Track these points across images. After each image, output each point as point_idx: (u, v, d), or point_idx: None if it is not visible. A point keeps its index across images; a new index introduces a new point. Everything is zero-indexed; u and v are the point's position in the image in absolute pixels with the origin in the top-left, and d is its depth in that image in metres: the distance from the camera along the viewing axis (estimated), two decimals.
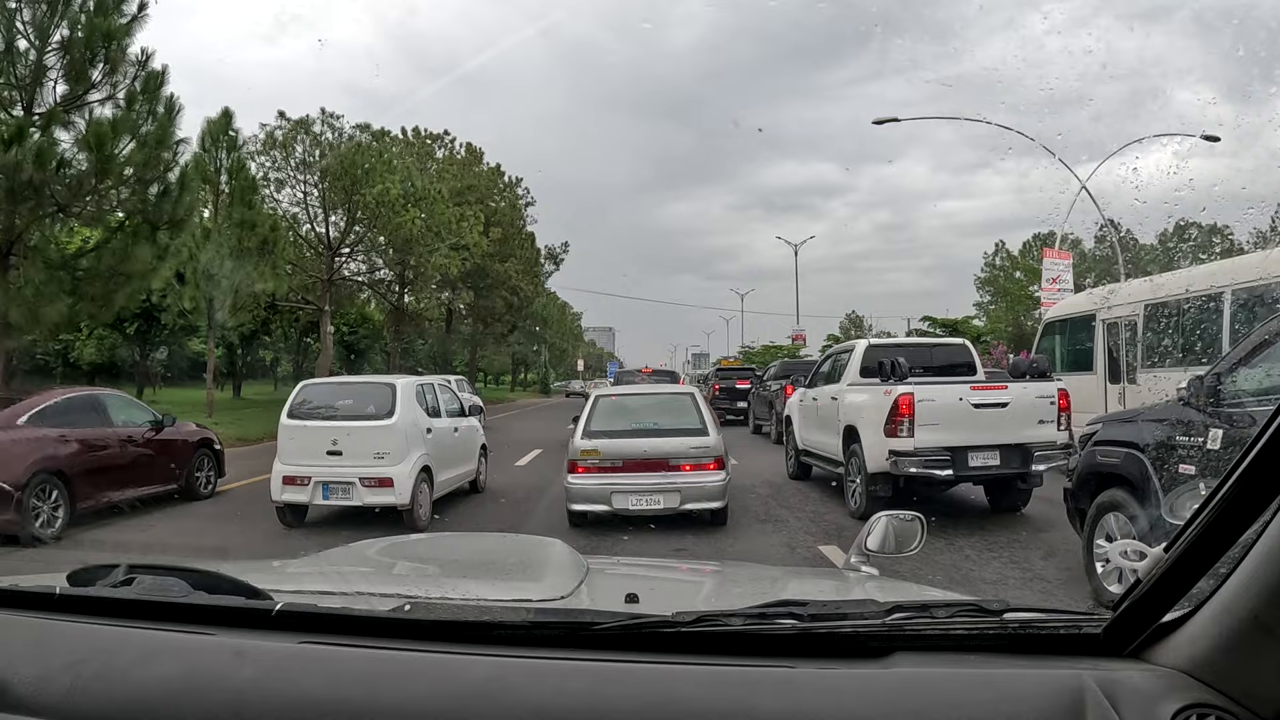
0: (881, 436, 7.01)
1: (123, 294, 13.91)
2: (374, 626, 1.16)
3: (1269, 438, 0.82)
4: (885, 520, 2.03)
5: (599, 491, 6.72)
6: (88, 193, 13.33)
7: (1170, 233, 48.04)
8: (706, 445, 6.92)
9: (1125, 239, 48.26)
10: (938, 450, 6.86)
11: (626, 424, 7.21)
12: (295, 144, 28.50)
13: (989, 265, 57.38)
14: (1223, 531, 0.90)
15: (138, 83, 14.60)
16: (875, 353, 8.38)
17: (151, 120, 14.70)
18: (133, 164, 14.32)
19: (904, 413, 6.82)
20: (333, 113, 28.43)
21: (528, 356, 69.31)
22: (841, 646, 1.08)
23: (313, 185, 28.88)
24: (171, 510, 8.69)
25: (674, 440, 6.92)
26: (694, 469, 6.83)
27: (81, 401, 8.49)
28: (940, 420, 6.88)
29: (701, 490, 6.76)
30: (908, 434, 6.84)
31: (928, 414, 6.86)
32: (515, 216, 41.66)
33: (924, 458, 6.84)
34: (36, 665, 1.06)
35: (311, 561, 2.09)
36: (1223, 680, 0.91)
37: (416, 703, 0.99)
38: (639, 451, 6.85)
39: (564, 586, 1.56)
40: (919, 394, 6.88)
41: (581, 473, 6.85)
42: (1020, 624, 1.11)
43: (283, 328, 39.99)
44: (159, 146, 14.36)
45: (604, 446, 6.88)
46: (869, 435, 7.29)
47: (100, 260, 13.77)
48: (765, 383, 19.38)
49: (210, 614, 1.19)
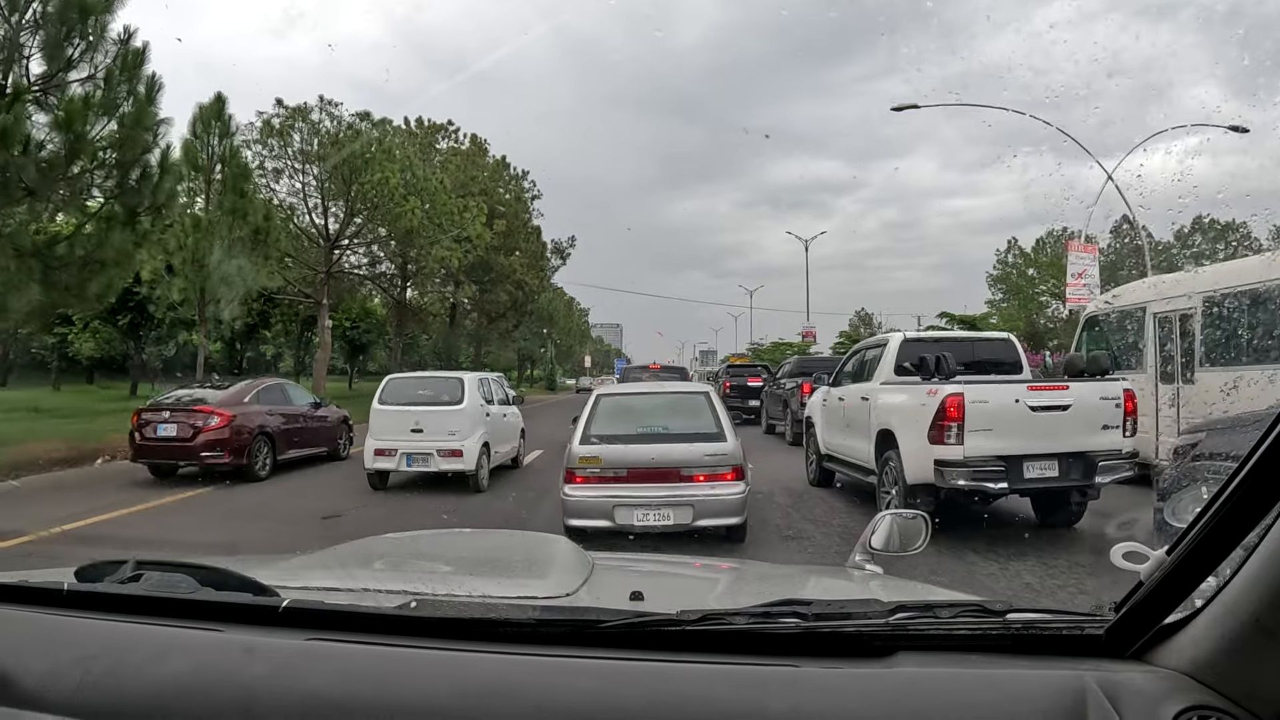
0: (924, 443, 6.09)
1: (97, 283, 13.06)
2: (380, 623, 1.17)
3: (1271, 442, 0.82)
4: (890, 518, 2.03)
5: (599, 505, 5.82)
6: (60, 176, 12.49)
7: (1188, 229, 46.99)
8: (724, 452, 6.01)
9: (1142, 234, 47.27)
10: (990, 460, 5.94)
11: (632, 427, 6.31)
12: (293, 132, 27.69)
13: (1001, 263, 56.57)
14: (1225, 534, 0.89)
15: (117, 61, 13.81)
16: (912, 347, 7.45)
17: (130, 100, 13.89)
18: (109, 145, 13.54)
19: (952, 416, 5.91)
20: (331, 99, 27.60)
21: (534, 352, 68.49)
22: (845, 646, 1.09)
23: (311, 175, 28.07)
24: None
25: (686, 446, 6.02)
26: (709, 479, 5.93)
27: (274, 387, 12.52)
28: (994, 425, 5.96)
29: (717, 504, 5.85)
30: (956, 441, 5.92)
31: (980, 418, 5.94)
32: (521, 209, 40.71)
33: (975, 468, 5.92)
34: (45, 661, 1.07)
35: (318, 558, 2.02)
36: (1224, 682, 0.91)
37: (423, 699, 1.00)
38: (646, 459, 5.95)
39: (569, 584, 1.56)
40: (970, 395, 5.95)
41: (580, 483, 5.97)
42: (1023, 624, 1.11)
43: (283, 322, 39.27)
44: (137, 126, 13.53)
45: (606, 453, 5.99)
46: (909, 441, 6.38)
47: (73, 248, 12.93)
48: (779, 380, 18.48)
49: (217, 610, 1.20)
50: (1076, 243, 23.96)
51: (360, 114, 27.90)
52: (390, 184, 25.66)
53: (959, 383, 6.15)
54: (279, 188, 28.28)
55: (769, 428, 18.68)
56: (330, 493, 9.74)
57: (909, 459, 6.35)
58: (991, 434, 5.96)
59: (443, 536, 3.14)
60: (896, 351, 7.48)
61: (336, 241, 28.64)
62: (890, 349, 7.55)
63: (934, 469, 6.01)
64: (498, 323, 44.32)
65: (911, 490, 6.34)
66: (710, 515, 5.84)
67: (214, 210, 20.56)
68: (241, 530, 7.55)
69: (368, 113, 27.77)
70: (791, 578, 2.35)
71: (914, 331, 8.67)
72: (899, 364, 7.39)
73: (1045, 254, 54.93)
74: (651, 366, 22.77)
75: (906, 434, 6.44)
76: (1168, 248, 47.15)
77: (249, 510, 8.67)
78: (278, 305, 33.54)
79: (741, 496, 5.92)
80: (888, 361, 7.50)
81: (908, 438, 6.40)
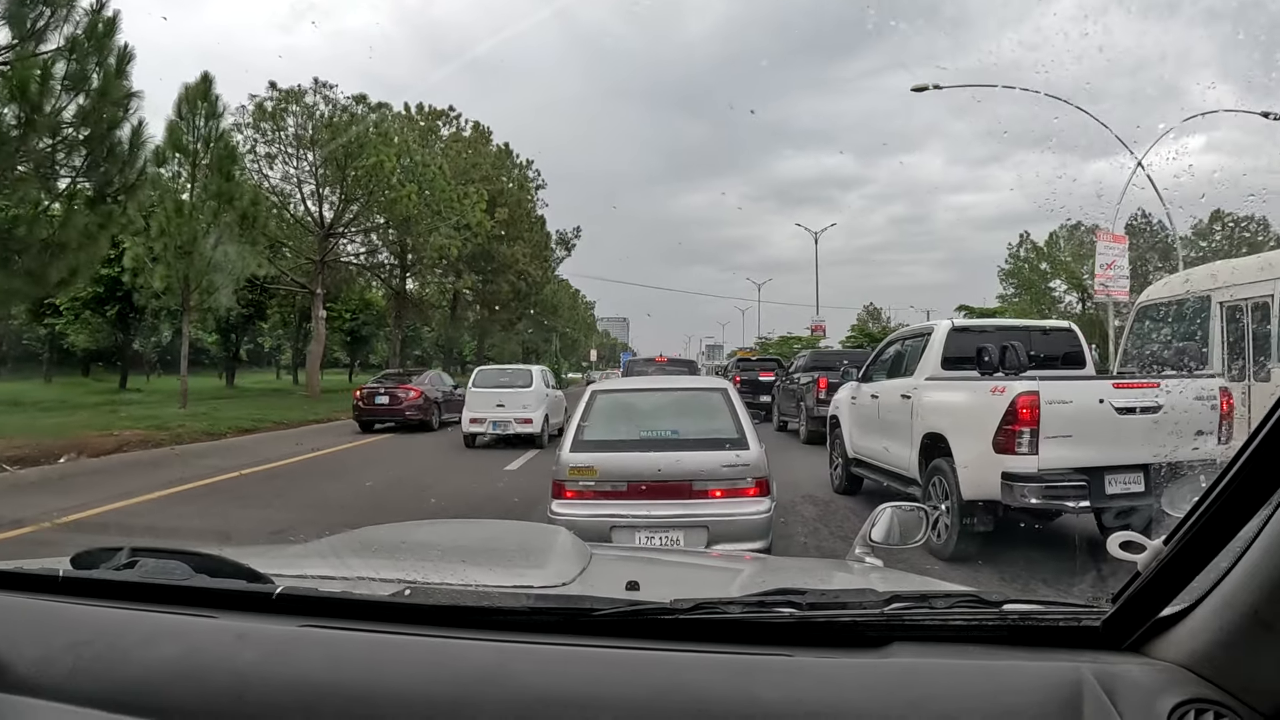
0: (988, 452, 5.04)
1: (59, 267, 12.08)
2: (374, 610, 1.17)
3: (1269, 431, 0.81)
4: (890, 511, 2.03)
5: (593, 526, 4.73)
6: (15, 150, 11.49)
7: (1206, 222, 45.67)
8: (745, 462, 4.93)
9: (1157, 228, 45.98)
10: (1069, 473, 4.89)
11: (634, 431, 5.26)
12: (286, 116, 26.67)
13: (1013, 257, 55.45)
14: (1222, 525, 0.89)
15: (84, 31, 12.81)
16: (962, 338, 6.40)
17: (99, 71, 12.88)
18: (76, 120, 12.55)
19: (1025, 420, 4.85)
20: (326, 82, 26.56)
21: (538, 345, 67.45)
22: (840, 635, 1.09)
23: (305, 160, 27.05)
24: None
25: (700, 455, 4.95)
26: (727, 495, 4.86)
27: (437, 376, 19.57)
28: (1074, 431, 4.90)
29: (738, 525, 4.79)
30: (1029, 450, 4.86)
31: (1057, 422, 4.88)
32: (524, 198, 39.57)
33: (1051, 483, 4.87)
34: (39, 646, 1.09)
35: (314, 547, 1.93)
36: (1222, 675, 0.90)
37: (416, 686, 1.00)
38: (651, 470, 4.90)
39: (566, 574, 1.55)
40: (1046, 393, 4.89)
41: (570, 498, 4.93)
42: (1019, 615, 1.10)
43: (281, 312, 38.27)
44: (103, 98, 12.53)
45: (602, 463, 4.94)
46: (967, 449, 5.33)
47: (33, 230, 11.95)
48: (792, 375, 17.42)
49: (212, 597, 1.20)
50: (1106, 233, 22.83)
51: (356, 97, 26.88)
52: (386, 168, 24.59)
53: (1032, 379, 5.08)
54: (272, 173, 27.27)
55: (781, 424, 17.69)
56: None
57: (966, 470, 5.31)
58: (1071, 441, 4.90)
59: (441, 526, 3.01)
60: (944, 342, 6.41)
61: (331, 229, 27.61)
62: (937, 339, 6.47)
63: (1000, 484, 4.96)
64: (500, 314, 43.23)
65: (968, 507, 5.31)
66: (729, 539, 4.77)
67: (199, 194, 19.58)
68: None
69: (364, 95, 26.73)
70: (789, 569, 2.31)
71: (962, 319, 7.55)
72: (947, 356, 6.34)
73: (1059, 248, 53.74)
74: (658, 359, 21.61)
75: (963, 440, 5.39)
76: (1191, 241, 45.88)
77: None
78: (273, 295, 32.59)
79: (766, 516, 4.86)
80: (933, 353, 6.44)
81: (965, 445, 5.35)
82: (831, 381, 13.64)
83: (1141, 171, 19.20)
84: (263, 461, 11.65)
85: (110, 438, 13.30)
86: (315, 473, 10.95)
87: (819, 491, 8.54)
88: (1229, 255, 36.39)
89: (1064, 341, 6.81)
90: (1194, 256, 33.87)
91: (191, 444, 14.17)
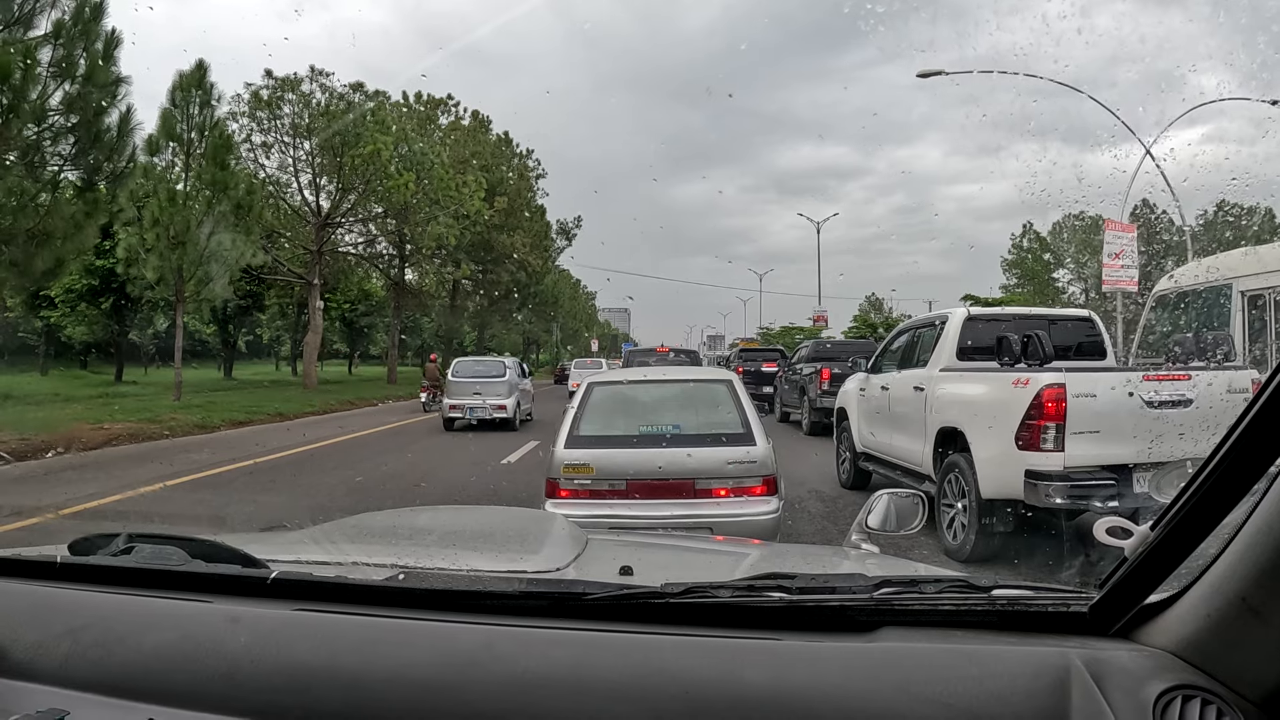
0: (1010, 448, 4.75)
1: (44, 257, 11.78)
2: (368, 594, 1.17)
3: (1254, 415, 0.81)
4: (887, 498, 2.04)
5: (590, 527, 4.48)
6: None
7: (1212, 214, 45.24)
8: (753, 458, 4.64)
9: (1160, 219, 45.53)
10: (1097, 471, 4.60)
11: (633, 426, 4.96)
12: (282, 104, 26.30)
13: (1016, 247, 55.16)
14: (1209, 511, 0.88)
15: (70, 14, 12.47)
16: (978, 327, 6.10)
17: (85, 56, 12.55)
18: (63, 106, 12.24)
19: (1051, 414, 4.55)
20: (322, 70, 26.18)
21: (539, 335, 67.10)
22: (829, 620, 1.08)
23: (302, 149, 26.69)
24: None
25: (704, 451, 4.65)
26: (733, 494, 4.58)
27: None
28: (1102, 426, 4.60)
29: (744, 526, 4.49)
30: (1054, 446, 4.57)
31: (1085, 417, 4.58)
32: (524, 187, 39.15)
33: (1078, 483, 4.58)
34: (36, 632, 1.10)
35: (310, 533, 1.93)
36: (1209, 661, 0.90)
37: (408, 669, 1.01)
38: (651, 467, 4.61)
39: (560, 559, 1.55)
40: (1073, 386, 4.59)
41: (565, 497, 4.64)
42: (1008, 601, 1.10)
43: (279, 303, 37.97)
44: (90, 84, 12.20)
45: (599, 460, 4.65)
46: (986, 445, 5.04)
47: (17, 220, 11.64)
48: (795, 365, 17.15)
49: (207, 582, 1.21)
50: (1115, 222, 22.46)
51: (353, 85, 26.51)
52: (383, 157, 24.22)
53: (1058, 370, 4.78)
54: (269, 162, 26.93)
55: (784, 415, 17.48)
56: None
57: (985, 467, 5.01)
58: (1099, 437, 4.61)
59: (437, 512, 2.97)
60: (959, 331, 6.10)
61: (328, 219, 27.27)
62: (951, 328, 6.17)
63: (1024, 482, 4.67)
64: (500, 304, 42.89)
65: (987, 507, 5.02)
66: None
67: (193, 183, 19.26)
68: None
69: (360, 83, 26.37)
70: (784, 555, 2.28)
71: (977, 307, 7.24)
72: (963, 346, 6.04)
73: (1062, 238, 53.36)
74: (659, 350, 21.29)
75: (982, 436, 5.09)
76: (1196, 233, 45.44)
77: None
78: (270, 286, 32.28)
79: (775, 517, 4.58)
80: (948, 343, 6.13)
81: (984, 441, 5.06)
82: (835, 372, 13.38)
83: (1150, 160, 18.82)
84: (264, 454, 11.39)
85: (100, 431, 13.02)
86: (308, 465, 10.69)
87: (826, 487, 8.26)
88: (1232, 247, 35.95)
89: (1082, 330, 6.50)
90: (1200, 249, 33.45)
91: (186, 436, 13.92)
